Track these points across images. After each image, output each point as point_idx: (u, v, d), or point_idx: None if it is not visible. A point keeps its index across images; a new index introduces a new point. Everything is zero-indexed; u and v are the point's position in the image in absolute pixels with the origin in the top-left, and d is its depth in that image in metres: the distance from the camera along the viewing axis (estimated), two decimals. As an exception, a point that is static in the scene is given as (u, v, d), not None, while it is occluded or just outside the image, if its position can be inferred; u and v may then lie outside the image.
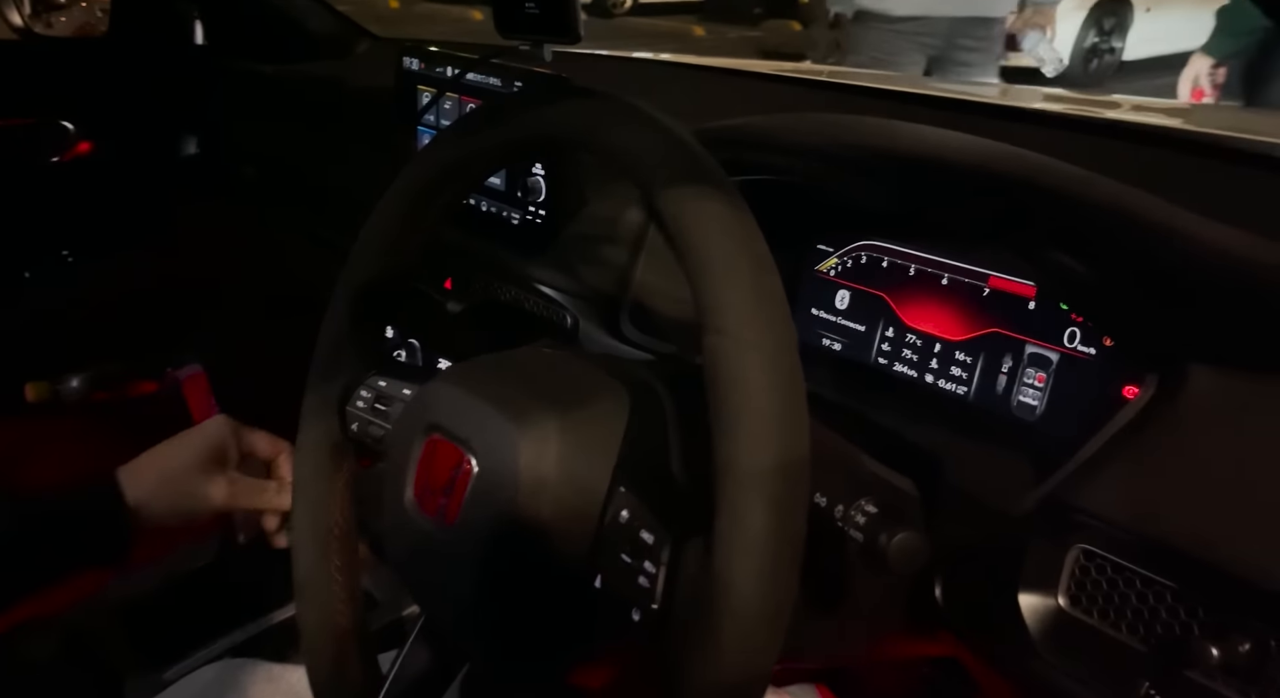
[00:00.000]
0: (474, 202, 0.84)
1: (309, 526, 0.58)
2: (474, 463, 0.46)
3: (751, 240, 0.39)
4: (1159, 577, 0.43)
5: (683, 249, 0.39)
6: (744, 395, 0.37)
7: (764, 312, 0.37)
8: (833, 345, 0.73)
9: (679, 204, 0.39)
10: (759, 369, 0.37)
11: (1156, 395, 0.46)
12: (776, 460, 0.36)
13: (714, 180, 0.40)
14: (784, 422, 0.36)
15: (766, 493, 0.36)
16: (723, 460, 0.37)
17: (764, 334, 0.37)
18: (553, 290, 0.77)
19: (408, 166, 0.53)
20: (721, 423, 0.37)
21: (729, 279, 0.38)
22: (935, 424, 0.61)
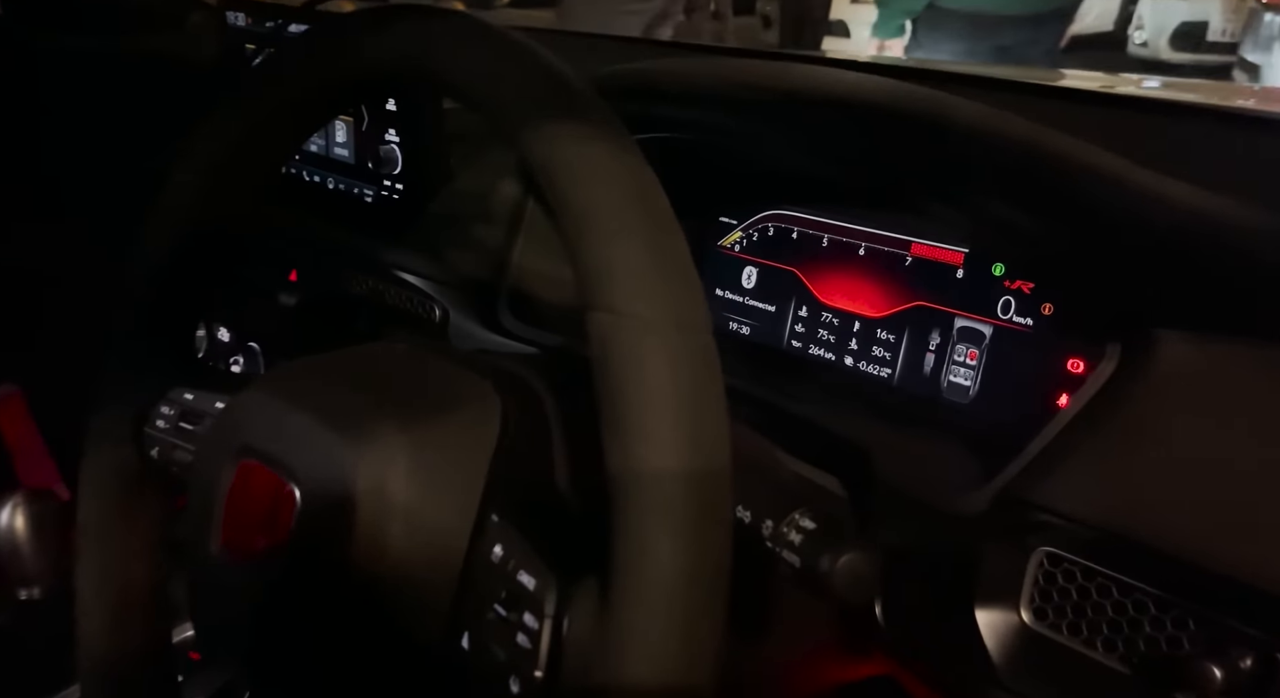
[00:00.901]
0: (319, 178, 0.72)
1: (97, 587, 0.45)
2: (297, 493, 0.36)
3: (646, 189, 0.30)
4: (1139, 582, 0.36)
5: (557, 203, 0.30)
6: (642, 391, 0.28)
7: (666, 281, 0.29)
8: (740, 329, 0.65)
9: (550, 145, 0.31)
10: (660, 356, 0.28)
11: (1120, 367, 0.40)
12: (689, 474, 0.27)
13: (594, 115, 0.31)
14: (697, 423, 0.28)
15: (677, 518, 0.28)
16: (618, 479, 0.28)
17: (667, 310, 0.29)
18: (416, 278, 0.66)
19: (200, 127, 0.41)
20: (614, 430, 0.28)
21: (618, 240, 0.29)
22: (859, 412, 0.54)
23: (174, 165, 0.43)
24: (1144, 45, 5.53)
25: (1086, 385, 0.41)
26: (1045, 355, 0.50)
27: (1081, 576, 0.38)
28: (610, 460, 0.28)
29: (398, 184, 0.66)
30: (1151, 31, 5.50)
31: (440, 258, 0.66)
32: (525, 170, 0.63)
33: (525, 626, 0.32)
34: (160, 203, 0.43)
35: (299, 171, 0.74)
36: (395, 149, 0.65)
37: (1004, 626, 0.40)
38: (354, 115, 0.67)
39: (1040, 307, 0.51)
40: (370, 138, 0.66)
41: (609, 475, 0.28)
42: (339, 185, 0.71)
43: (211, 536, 0.38)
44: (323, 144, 0.71)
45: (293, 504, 0.35)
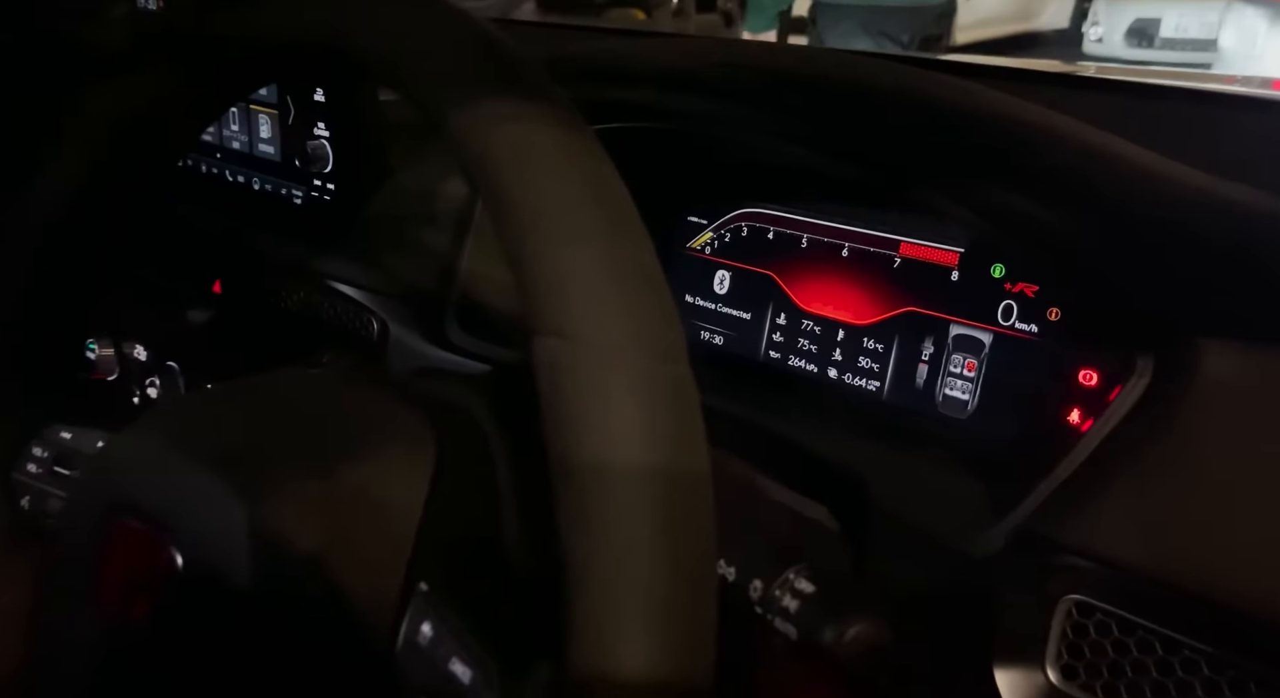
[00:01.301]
0: (243, 179, 0.65)
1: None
2: (178, 558, 0.29)
3: (604, 183, 0.25)
4: (1187, 638, 0.31)
5: (494, 200, 0.25)
6: (603, 438, 0.22)
7: (632, 298, 0.24)
8: (713, 339, 0.60)
9: (485, 129, 0.25)
10: (626, 392, 0.23)
11: (1156, 383, 0.34)
12: (666, 558, 0.21)
13: (539, 92, 0.26)
14: (673, 482, 0.22)
15: (649, 600, 0.22)
16: (575, 560, 0.22)
17: (633, 335, 0.23)
18: (352, 289, 0.59)
19: (66, 115, 0.35)
20: (570, 497, 0.23)
21: (571, 247, 0.24)
22: (846, 432, 0.49)
23: (40, 160, 0.36)
24: (1099, 42, 5.59)
25: (1116, 403, 0.35)
26: (1052, 366, 0.45)
27: (1118, 629, 0.33)
28: (564, 532, 0.22)
29: (329, 183, 0.60)
30: (1107, 28, 5.57)
31: (379, 265, 0.60)
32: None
33: None
34: (23, 204, 0.36)
35: (221, 171, 0.67)
36: (325, 144, 0.58)
37: (1028, 687, 0.34)
38: (278, 107, 0.60)
39: (1046, 312, 0.46)
40: (297, 132, 0.60)
41: (563, 545, 0.23)
42: (265, 186, 0.64)
43: (80, 604, 0.32)
44: (246, 140, 0.64)
45: (173, 572, 0.29)
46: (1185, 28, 5.16)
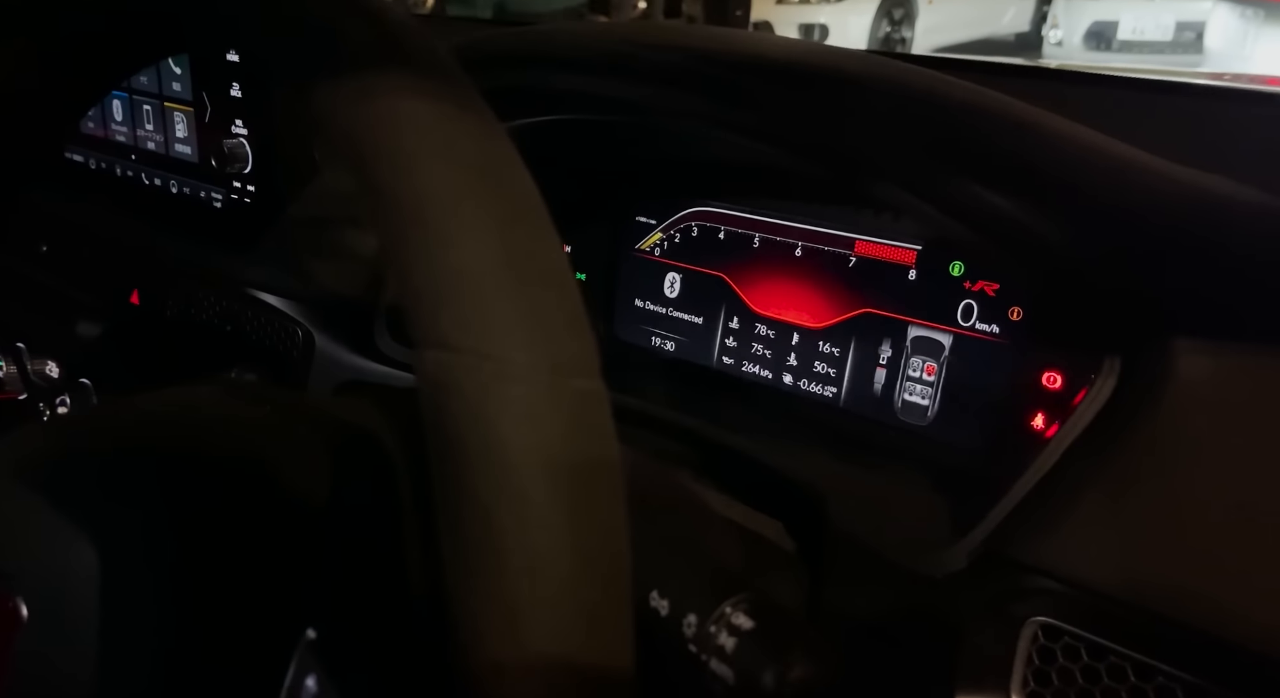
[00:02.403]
0: (159, 181, 0.61)
1: None
2: (23, 609, 0.25)
3: (499, 162, 0.21)
4: (1161, 663, 0.29)
5: (368, 185, 0.21)
6: (494, 471, 0.19)
7: (529, 301, 0.20)
8: (664, 345, 0.57)
9: (354, 102, 0.21)
10: (521, 421, 0.19)
11: (1122, 386, 0.32)
12: (572, 632, 0.18)
13: (419, 57, 0.22)
14: (582, 524, 0.19)
15: None
16: (459, 638, 0.19)
17: (531, 347, 0.20)
18: (275, 297, 0.55)
19: None
20: (456, 547, 0.19)
21: (459, 242, 0.20)
22: (801, 441, 0.47)
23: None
24: (1059, 45, 5.67)
25: (1081, 408, 0.33)
26: (1015, 368, 0.42)
27: (1087, 653, 0.30)
28: (451, 596, 0.19)
29: (249, 184, 0.56)
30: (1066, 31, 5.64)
31: (304, 271, 0.56)
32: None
33: None
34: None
35: (136, 174, 0.62)
36: (244, 143, 0.54)
37: (993, 718, 0.32)
38: (194, 105, 0.56)
39: (1008, 311, 0.44)
40: (214, 131, 0.56)
41: (450, 616, 0.19)
42: (183, 189, 0.60)
43: None
44: (161, 140, 0.60)
45: (19, 628, 0.25)
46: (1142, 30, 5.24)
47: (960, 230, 0.37)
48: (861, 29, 5.81)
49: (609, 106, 0.42)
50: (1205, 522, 0.29)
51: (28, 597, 0.25)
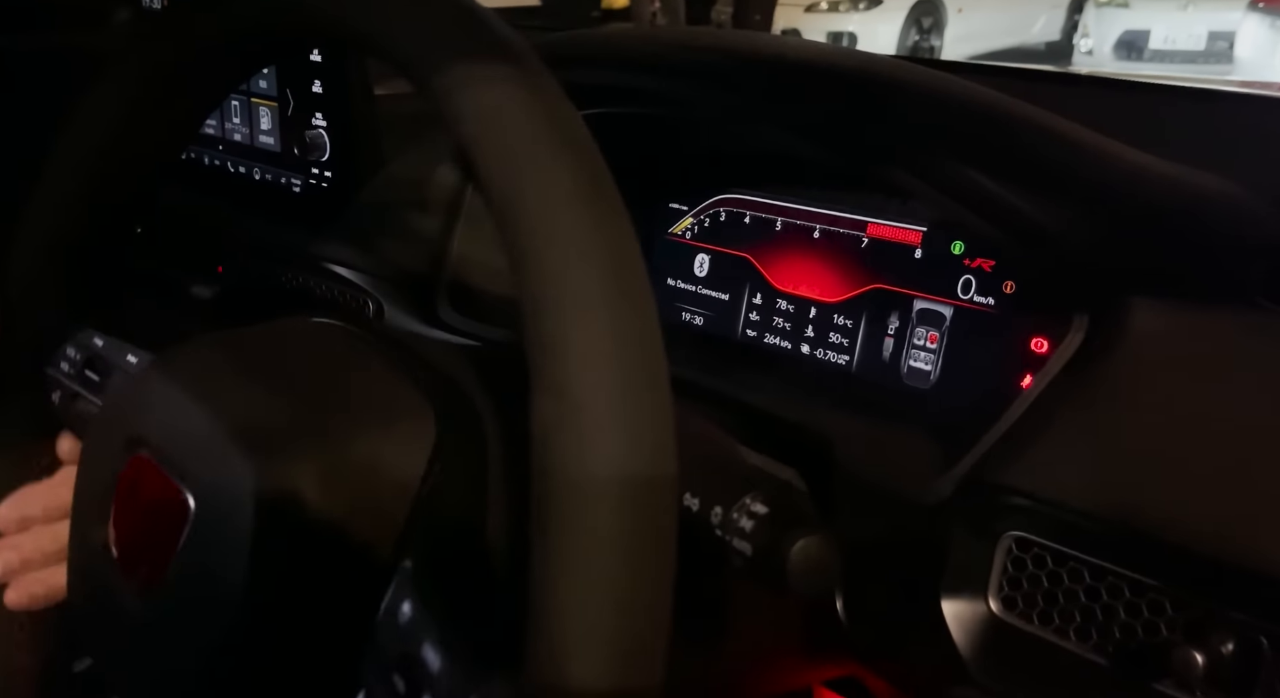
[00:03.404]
0: (244, 168, 0.68)
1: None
2: (191, 503, 0.31)
3: (587, 163, 0.26)
4: (1112, 565, 0.34)
5: (485, 181, 0.26)
6: (570, 408, 0.24)
7: (609, 271, 0.25)
8: (693, 320, 0.63)
9: (473, 109, 0.26)
10: (599, 364, 0.24)
11: (1088, 338, 0.37)
12: (629, 531, 0.23)
13: (526, 71, 0.27)
14: (638, 451, 0.24)
15: (604, 632, 0.23)
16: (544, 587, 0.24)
17: (610, 308, 0.24)
18: (348, 271, 0.62)
19: (82, 102, 0.37)
20: (542, 466, 0.24)
21: (555, 224, 0.25)
22: (816, 402, 0.52)
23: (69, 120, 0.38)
24: (1089, 54, 5.65)
25: (1053, 359, 0.38)
26: (1008, 335, 0.48)
27: (1052, 561, 0.36)
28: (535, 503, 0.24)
29: (326, 172, 0.62)
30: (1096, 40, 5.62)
31: (374, 249, 0.62)
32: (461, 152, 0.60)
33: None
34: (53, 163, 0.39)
35: (223, 162, 0.69)
36: (323, 134, 0.61)
37: (971, 617, 0.37)
38: (278, 100, 0.64)
39: (1002, 285, 0.49)
40: (296, 123, 0.63)
41: (532, 522, 0.24)
42: (265, 175, 0.67)
43: (97, 531, 0.34)
44: (247, 132, 0.67)
45: (186, 515, 0.31)
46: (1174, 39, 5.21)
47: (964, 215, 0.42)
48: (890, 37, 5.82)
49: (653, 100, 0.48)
50: (1152, 447, 0.34)
51: (196, 494, 0.31)
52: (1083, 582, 0.35)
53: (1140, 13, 5.36)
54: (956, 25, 6.05)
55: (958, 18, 6.05)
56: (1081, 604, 0.35)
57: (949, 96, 0.41)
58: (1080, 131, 0.40)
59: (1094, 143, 0.39)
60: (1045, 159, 0.39)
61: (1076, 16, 6.06)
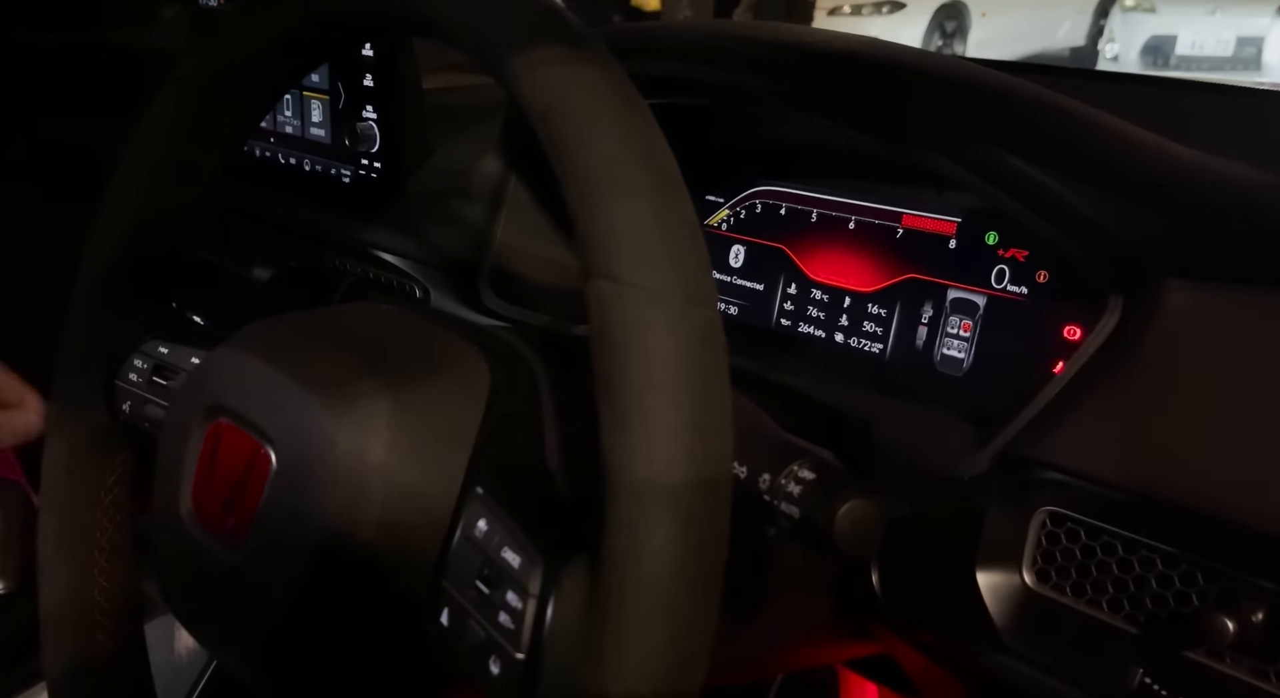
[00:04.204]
0: (295, 159, 0.70)
1: (58, 543, 0.43)
2: (273, 456, 0.34)
3: (654, 149, 0.28)
4: (1145, 538, 0.35)
5: (558, 159, 0.28)
6: (644, 367, 0.26)
7: (674, 249, 0.27)
8: (729, 309, 0.64)
9: (551, 95, 0.28)
10: (665, 330, 0.26)
11: (1123, 319, 0.39)
12: (690, 462, 0.26)
13: (599, 64, 0.29)
14: (700, 405, 0.26)
15: (676, 509, 0.26)
16: (613, 461, 0.26)
17: (674, 281, 0.27)
18: (396, 258, 0.64)
19: (167, 80, 0.40)
20: (611, 409, 0.26)
21: (624, 203, 0.27)
22: (851, 389, 0.53)
23: (139, 120, 0.41)
24: (1115, 59, 5.61)
25: (1089, 340, 0.40)
26: (1041, 323, 0.49)
27: (1085, 534, 0.37)
28: (606, 438, 0.26)
29: (376, 163, 0.65)
30: (1123, 45, 5.58)
31: (421, 236, 0.64)
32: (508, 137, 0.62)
33: (508, 604, 0.30)
34: (126, 158, 0.41)
35: (275, 154, 0.72)
36: (373, 126, 0.63)
37: (1006, 589, 0.38)
38: (329, 93, 0.66)
39: (1035, 274, 0.50)
40: (347, 116, 0.65)
41: (604, 453, 0.26)
42: (316, 167, 0.69)
43: (181, 497, 0.36)
44: (298, 124, 0.69)
45: (268, 468, 0.34)
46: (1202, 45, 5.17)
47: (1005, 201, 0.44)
48: (913, 41, 5.81)
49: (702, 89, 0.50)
50: (1184, 423, 0.35)
51: (276, 449, 0.34)
52: (1115, 554, 0.36)
53: (1167, 18, 5.32)
54: (980, 30, 6.03)
55: (981, 22, 6.03)
56: (1114, 576, 0.36)
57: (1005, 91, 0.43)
58: (1126, 126, 0.41)
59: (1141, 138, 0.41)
60: (1095, 152, 0.41)
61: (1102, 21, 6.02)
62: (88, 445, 0.45)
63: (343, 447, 0.33)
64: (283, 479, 0.34)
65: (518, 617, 0.29)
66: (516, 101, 0.30)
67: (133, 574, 0.46)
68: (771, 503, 0.33)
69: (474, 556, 0.33)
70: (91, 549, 0.45)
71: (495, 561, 0.32)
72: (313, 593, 0.33)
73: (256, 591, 0.34)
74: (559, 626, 0.29)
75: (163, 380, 0.42)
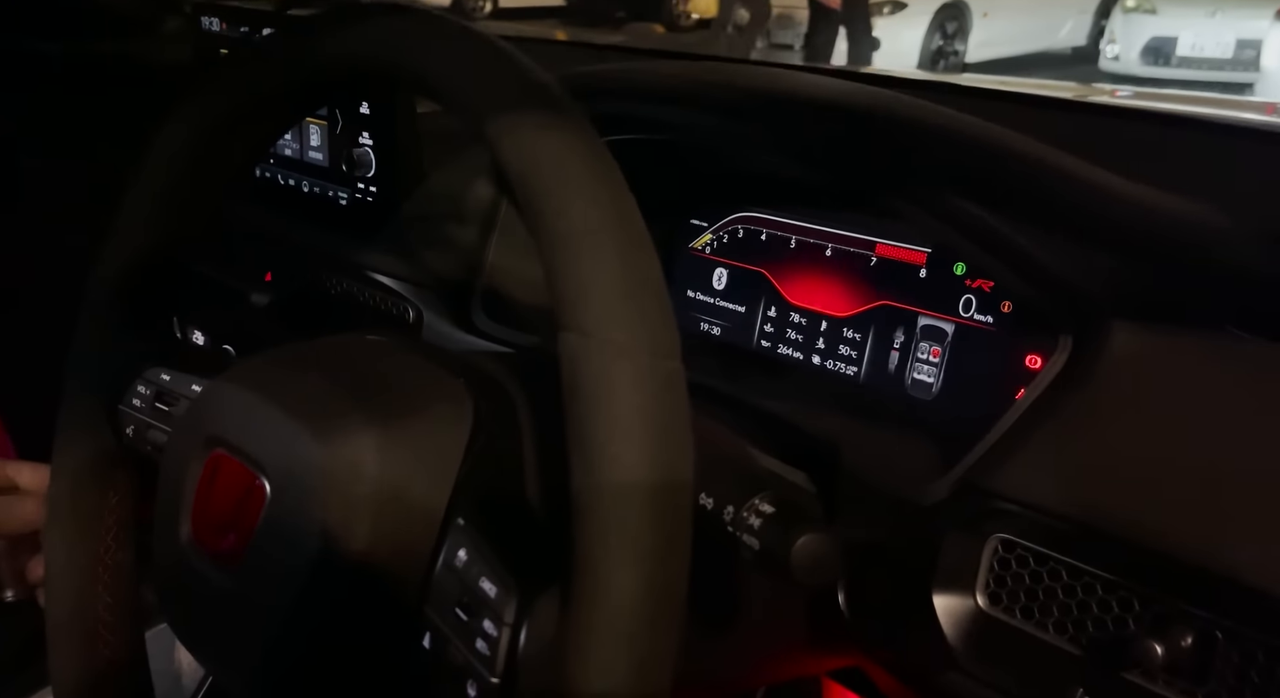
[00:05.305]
0: (293, 182, 0.73)
1: (65, 557, 0.46)
2: (267, 486, 0.36)
3: (624, 210, 0.30)
4: (1087, 566, 0.38)
5: (533, 218, 0.30)
6: (608, 420, 0.28)
7: (639, 305, 0.29)
8: (711, 330, 0.66)
9: (527, 157, 0.30)
10: (629, 383, 0.28)
11: (1072, 358, 0.41)
12: (652, 502, 0.28)
13: (573, 127, 0.31)
14: (662, 450, 0.28)
15: (637, 547, 0.28)
16: (582, 500, 0.28)
17: (638, 335, 0.29)
18: (390, 279, 0.66)
19: (172, 116, 0.42)
20: (580, 454, 0.28)
21: (593, 262, 0.29)
22: (826, 410, 0.55)
23: (145, 155, 0.43)
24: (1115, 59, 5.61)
25: (1040, 377, 0.42)
26: (1005, 351, 0.51)
27: (1034, 561, 0.39)
28: (575, 480, 0.28)
29: (371, 186, 0.67)
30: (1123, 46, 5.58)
31: (415, 259, 0.67)
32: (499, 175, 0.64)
33: (484, 632, 0.32)
34: (132, 190, 0.44)
35: (274, 175, 0.74)
36: (369, 152, 0.66)
37: (961, 611, 0.41)
38: (327, 119, 0.68)
39: (1000, 304, 0.52)
40: (344, 141, 0.67)
41: (573, 495, 0.29)
42: (314, 188, 0.71)
43: (181, 523, 0.39)
44: (297, 148, 0.71)
45: (262, 497, 0.36)
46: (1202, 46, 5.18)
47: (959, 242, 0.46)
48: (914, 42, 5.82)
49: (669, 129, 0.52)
50: (1124, 460, 0.38)
51: (271, 480, 0.36)
52: (1060, 580, 0.39)
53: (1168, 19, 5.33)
54: (981, 30, 6.03)
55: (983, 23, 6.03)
56: (1059, 601, 0.39)
57: (938, 129, 0.45)
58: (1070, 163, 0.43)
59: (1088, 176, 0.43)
60: (1039, 194, 0.43)
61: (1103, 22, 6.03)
62: (93, 466, 0.47)
63: (332, 479, 0.35)
64: (276, 508, 0.36)
65: (493, 644, 0.32)
66: (495, 161, 0.32)
67: (135, 588, 0.48)
68: (735, 534, 0.36)
69: (454, 584, 0.35)
70: (96, 565, 0.47)
71: (474, 589, 0.34)
72: (303, 615, 0.35)
73: (251, 612, 0.36)
74: (531, 653, 0.31)
75: (164, 406, 0.45)
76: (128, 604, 0.48)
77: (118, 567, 0.47)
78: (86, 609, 0.46)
